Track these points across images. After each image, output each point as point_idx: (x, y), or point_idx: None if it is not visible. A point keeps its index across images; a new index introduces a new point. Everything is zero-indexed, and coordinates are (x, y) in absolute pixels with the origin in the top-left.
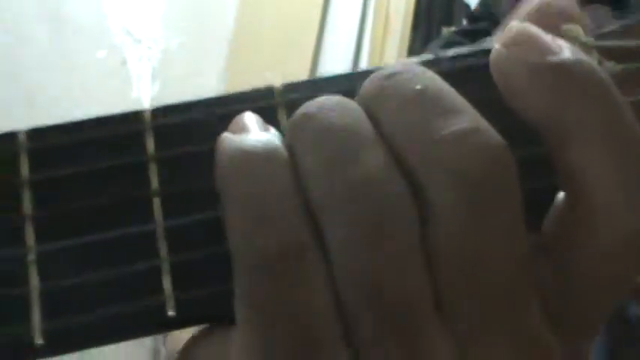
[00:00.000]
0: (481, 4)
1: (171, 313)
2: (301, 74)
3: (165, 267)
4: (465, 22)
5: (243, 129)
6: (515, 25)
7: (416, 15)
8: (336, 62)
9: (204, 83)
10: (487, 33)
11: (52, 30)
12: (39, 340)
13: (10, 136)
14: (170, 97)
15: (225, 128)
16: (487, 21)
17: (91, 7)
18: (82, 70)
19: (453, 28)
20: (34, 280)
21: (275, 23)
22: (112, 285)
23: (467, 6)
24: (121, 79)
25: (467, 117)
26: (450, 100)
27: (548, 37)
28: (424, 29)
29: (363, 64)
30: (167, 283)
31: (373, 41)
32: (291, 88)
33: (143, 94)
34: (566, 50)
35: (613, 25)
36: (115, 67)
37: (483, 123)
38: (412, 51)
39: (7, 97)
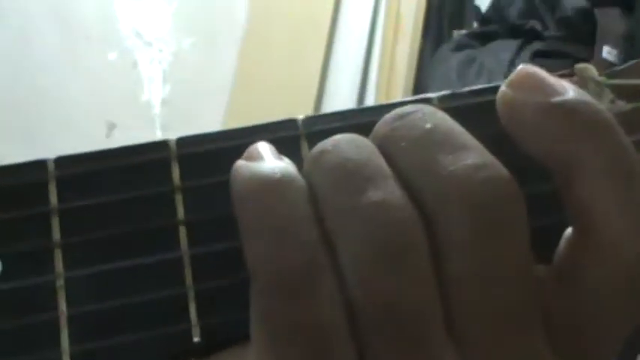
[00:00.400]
0: (492, 7)
1: (196, 339)
2: (312, 74)
3: (191, 294)
4: (475, 24)
5: (257, 157)
6: (521, 66)
7: (427, 17)
8: (346, 63)
9: (215, 86)
10: (498, 35)
11: (62, 32)
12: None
13: (39, 164)
14: (180, 100)
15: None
16: (498, 23)
17: (101, 10)
18: (92, 73)
19: (463, 31)
20: (63, 306)
21: (286, 24)
22: (138, 311)
23: (478, 9)
24: (132, 81)
25: (475, 153)
26: (459, 137)
27: (552, 79)
28: (435, 31)
29: (374, 65)
30: (192, 310)
31: (384, 42)
32: (313, 120)
33: (154, 97)
34: (570, 91)
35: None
36: (126, 70)
37: (491, 159)
38: (423, 53)
39: (18, 99)
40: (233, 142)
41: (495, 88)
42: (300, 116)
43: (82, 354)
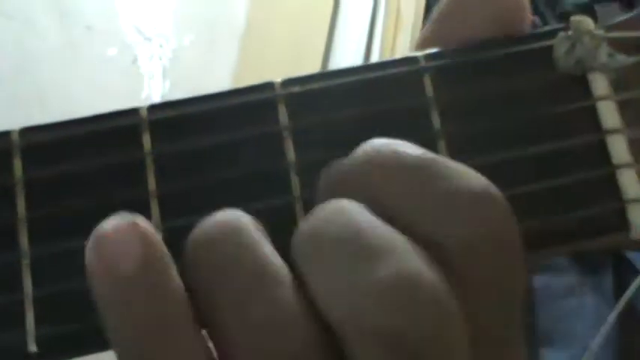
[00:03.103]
0: None
1: None
2: (312, 70)
3: None
4: None
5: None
6: None
7: (427, 12)
8: (346, 60)
9: (216, 82)
10: None
11: (63, 27)
12: (32, 348)
13: (3, 135)
14: (180, 96)
15: (224, 122)
16: None
17: (102, 5)
18: (92, 68)
19: None
20: (28, 286)
21: (286, 21)
22: None
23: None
24: (132, 77)
25: (391, 259)
26: (371, 239)
27: None
28: None
29: (375, 57)
30: None
31: (385, 35)
32: (291, 82)
33: (154, 93)
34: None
35: (623, 16)
36: (126, 66)
37: (412, 261)
38: None
39: (18, 93)
40: (207, 107)
41: (481, 45)
42: (278, 79)
43: (47, 336)
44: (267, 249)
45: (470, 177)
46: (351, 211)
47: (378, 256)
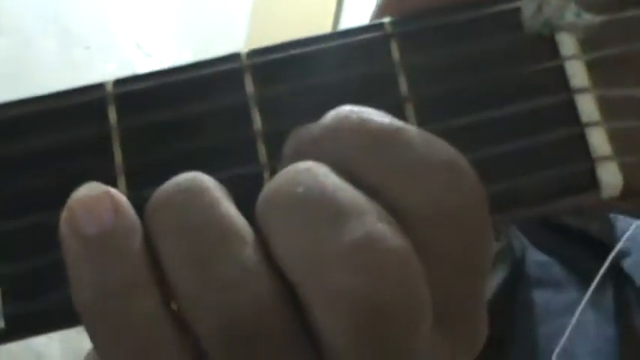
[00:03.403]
0: None
1: None
2: None
3: None
4: None
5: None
6: None
7: None
8: None
9: None
10: None
11: (62, 44)
12: (0, 324)
13: None
14: None
15: (190, 93)
16: None
17: (101, 21)
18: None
19: None
20: None
21: (284, 37)
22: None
23: None
24: None
25: (357, 222)
26: (337, 201)
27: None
28: None
29: None
30: None
31: None
32: (257, 53)
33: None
34: None
35: None
36: None
37: (378, 224)
38: None
39: None
40: (173, 79)
41: (447, 9)
42: (244, 49)
43: (14, 314)
44: (230, 209)
45: (437, 146)
46: (317, 172)
47: (345, 217)
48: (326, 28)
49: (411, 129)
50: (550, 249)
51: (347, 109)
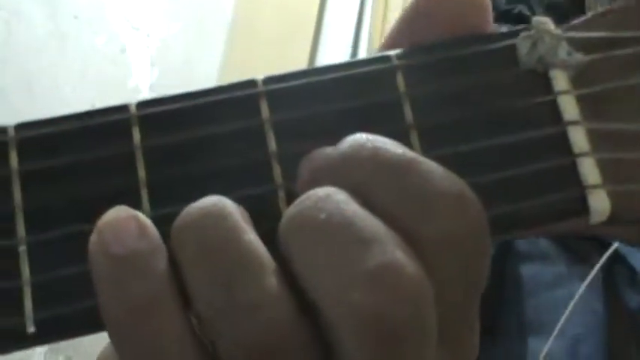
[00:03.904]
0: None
1: None
2: (299, 60)
3: None
4: None
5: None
6: None
7: None
8: (334, 48)
9: (203, 71)
10: None
11: (50, 16)
12: (31, 329)
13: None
14: (168, 85)
15: (210, 116)
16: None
17: None
18: (80, 57)
19: None
20: (26, 272)
21: (274, 10)
22: None
23: None
24: (120, 66)
25: (378, 249)
26: (360, 228)
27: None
28: None
29: (363, 42)
30: None
31: (372, 29)
32: (271, 80)
33: (142, 81)
34: None
35: (581, 17)
36: (114, 55)
37: (396, 251)
38: None
39: (5, 83)
40: (193, 102)
41: (454, 41)
42: (260, 76)
43: (44, 319)
44: (251, 234)
45: (446, 177)
46: (338, 199)
47: (365, 244)
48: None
49: (422, 160)
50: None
51: (363, 138)
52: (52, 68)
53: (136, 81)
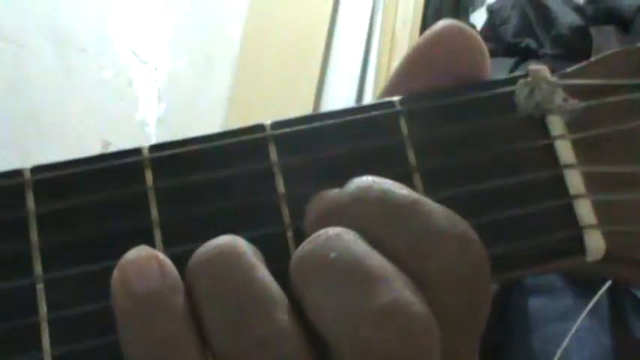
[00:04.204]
0: (487, 25)
1: None
2: (307, 94)
3: None
4: None
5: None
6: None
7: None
8: (341, 84)
9: (210, 105)
10: (493, 54)
11: (58, 50)
12: None
13: (16, 173)
14: (175, 119)
15: (220, 159)
16: (493, 42)
17: (97, 28)
18: (87, 91)
19: None
20: (43, 309)
21: (281, 45)
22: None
23: (473, 26)
24: (127, 100)
25: (387, 287)
26: (368, 267)
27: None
28: None
29: (369, 86)
30: None
31: (379, 63)
32: (279, 124)
33: (149, 116)
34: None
35: (577, 65)
36: (121, 88)
37: (404, 290)
38: None
39: (12, 116)
40: (204, 146)
41: (455, 88)
42: (268, 121)
43: (62, 355)
44: (264, 272)
45: (450, 218)
46: (348, 238)
47: (375, 283)
48: (322, 31)
49: (427, 201)
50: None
51: (370, 180)
52: (59, 101)
53: (143, 114)
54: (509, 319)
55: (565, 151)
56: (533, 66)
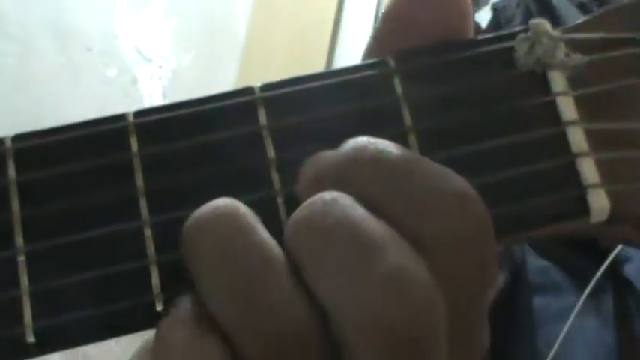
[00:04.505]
0: (492, 23)
1: (159, 308)
2: None
3: (153, 267)
4: None
5: None
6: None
7: None
8: None
9: None
10: None
11: (62, 48)
12: (31, 339)
13: None
14: None
15: (207, 124)
16: None
17: (101, 26)
18: (92, 89)
19: None
20: (24, 281)
21: (285, 42)
22: (100, 284)
23: (478, 25)
24: (132, 97)
25: (387, 254)
26: (367, 233)
27: None
28: None
29: None
30: (156, 280)
31: None
32: (269, 86)
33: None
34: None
35: (580, 19)
36: (126, 86)
37: (405, 256)
38: None
39: (17, 114)
40: (190, 111)
41: (452, 44)
42: (258, 83)
43: (44, 328)
44: (266, 234)
45: (451, 178)
46: (345, 204)
47: (374, 250)
48: (326, 31)
49: (424, 160)
50: (550, 254)
51: (364, 140)
52: (64, 100)
53: None
54: (514, 318)
55: (567, 107)
56: (534, 20)
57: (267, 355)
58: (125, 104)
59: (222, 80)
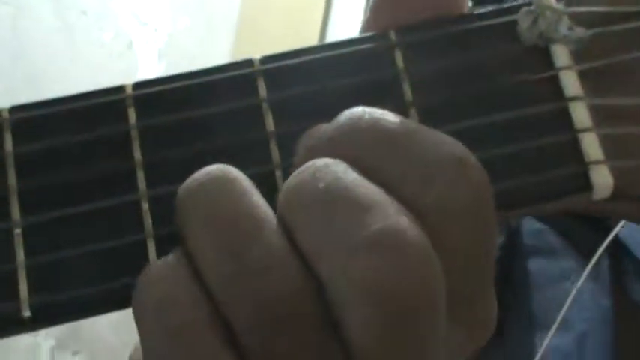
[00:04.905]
0: None
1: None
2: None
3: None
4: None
5: None
6: None
7: None
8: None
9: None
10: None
11: (58, 13)
12: (26, 313)
13: None
14: None
15: (206, 96)
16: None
17: None
18: (87, 53)
19: None
20: (21, 255)
21: (281, 4)
22: (97, 257)
23: None
24: (127, 61)
25: (378, 214)
26: (358, 195)
27: None
28: None
29: None
30: (153, 253)
31: None
32: (269, 59)
33: (148, 77)
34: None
35: None
36: (121, 50)
37: (397, 217)
38: None
39: (11, 79)
40: (189, 83)
41: (453, 18)
42: (257, 55)
43: (40, 303)
44: (258, 197)
45: (449, 144)
46: (337, 169)
47: (365, 210)
48: None
49: (421, 127)
50: (545, 218)
51: (360, 110)
52: (60, 64)
53: (143, 76)
54: (510, 281)
55: (570, 82)
56: None
57: (257, 319)
58: (120, 68)
59: (218, 44)
